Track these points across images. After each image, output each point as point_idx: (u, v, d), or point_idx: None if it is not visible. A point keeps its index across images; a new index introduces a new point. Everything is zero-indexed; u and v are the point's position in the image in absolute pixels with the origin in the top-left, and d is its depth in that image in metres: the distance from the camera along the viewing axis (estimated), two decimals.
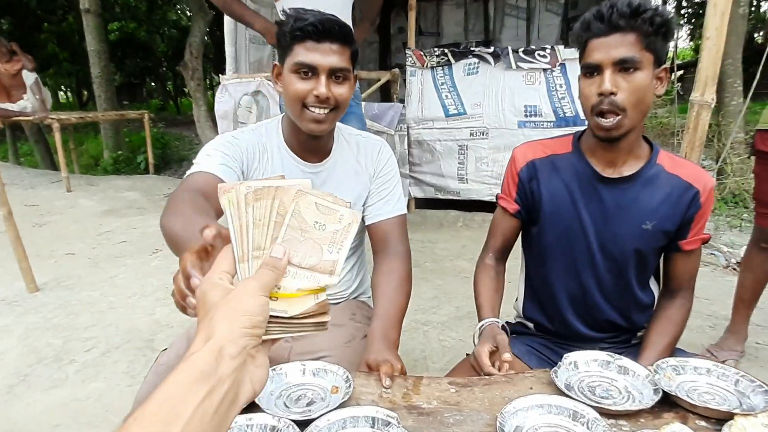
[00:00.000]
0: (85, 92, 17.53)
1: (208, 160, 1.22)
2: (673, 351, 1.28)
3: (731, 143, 4.77)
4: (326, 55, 1.20)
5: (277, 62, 1.29)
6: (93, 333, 2.63)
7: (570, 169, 1.29)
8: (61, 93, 23.33)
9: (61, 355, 2.43)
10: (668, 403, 0.97)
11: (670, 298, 1.33)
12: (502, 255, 1.45)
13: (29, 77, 6.04)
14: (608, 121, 1.14)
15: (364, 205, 1.42)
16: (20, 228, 4.46)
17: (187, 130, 11.95)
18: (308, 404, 1.01)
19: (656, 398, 0.95)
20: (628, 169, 1.24)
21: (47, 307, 2.94)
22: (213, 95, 10.34)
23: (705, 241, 1.29)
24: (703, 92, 1.77)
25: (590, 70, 1.15)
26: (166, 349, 1.31)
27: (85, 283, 3.31)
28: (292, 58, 1.21)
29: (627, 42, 1.10)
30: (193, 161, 1.24)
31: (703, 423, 0.92)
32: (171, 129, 12.84)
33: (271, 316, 0.52)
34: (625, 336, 1.39)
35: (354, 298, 1.53)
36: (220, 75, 4.30)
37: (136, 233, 4.43)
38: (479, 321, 1.33)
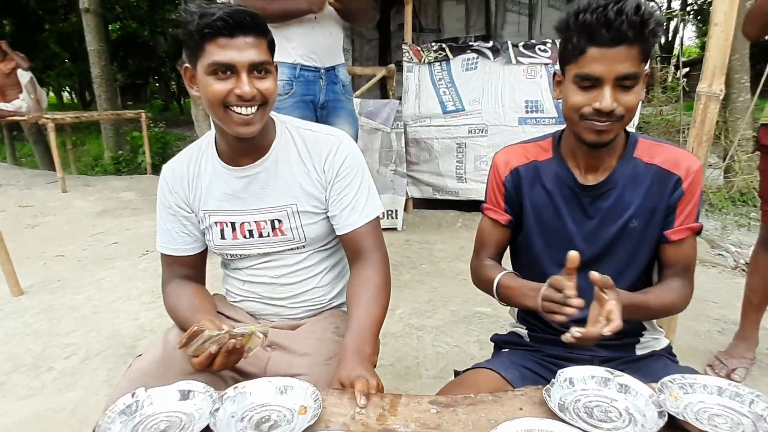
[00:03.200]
0: (88, 93, 17.51)
1: (164, 236, 1.31)
2: (665, 312, 1.21)
3: (739, 140, 4.66)
4: (243, 51, 1.08)
5: (187, 64, 1.16)
6: (74, 339, 2.54)
7: (552, 177, 1.23)
8: (66, 94, 23.36)
9: (39, 363, 2.34)
10: (674, 427, 0.86)
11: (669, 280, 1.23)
12: (497, 259, 1.39)
13: (24, 76, 5.98)
14: (602, 124, 1.06)
15: (327, 214, 1.29)
16: (13, 229, 4.43)
17: (189, 130, 11.85)
18: (272, 427, 0.91)
19: (661, 423, 0.84)
20: (606, 172, 1.18)
21: (29, 311, 2.85)
22: None
23: (696, 231, 1.18)
24: (711, 83, 1.65)
25: (587, 82, 1.05)
26: (140, 354, 1.23)
27: (70, 287, 3.22)
28: (206, 59, 1.09)
29: (632, 56, 1.02)
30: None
31: None
32: (173, 129, 12.78)
33: None
34: (627, 340, 1.27)
35: (335, 306, 1.42)
36: None
37: (129, 234, 4.34)
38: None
